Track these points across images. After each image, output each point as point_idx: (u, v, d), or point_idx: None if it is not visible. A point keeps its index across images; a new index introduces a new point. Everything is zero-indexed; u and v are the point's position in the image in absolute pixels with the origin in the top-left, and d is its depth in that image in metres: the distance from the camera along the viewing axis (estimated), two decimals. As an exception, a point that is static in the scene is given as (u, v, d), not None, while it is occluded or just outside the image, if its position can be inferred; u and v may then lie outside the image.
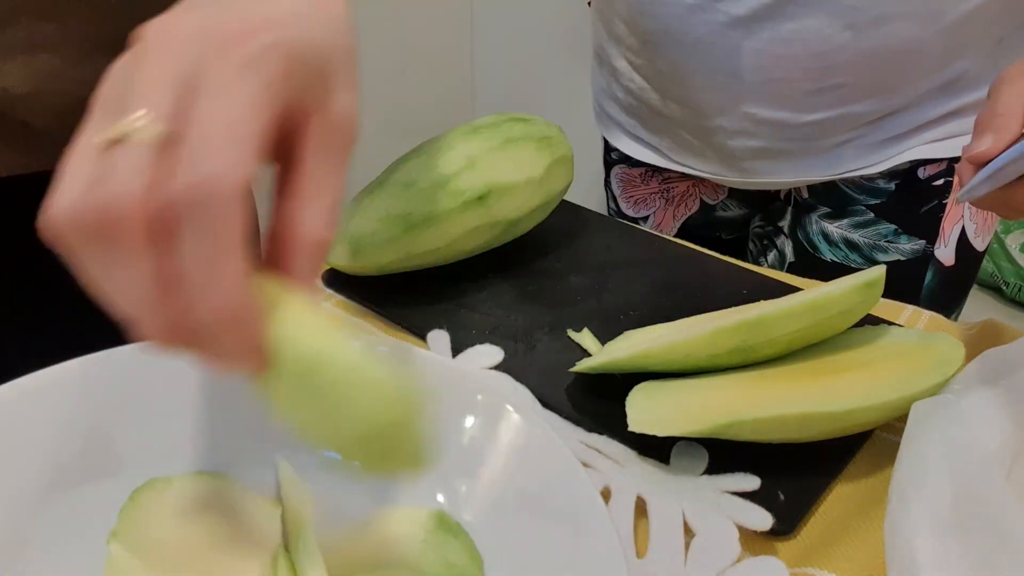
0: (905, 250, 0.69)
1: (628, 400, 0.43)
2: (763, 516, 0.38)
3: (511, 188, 0.56)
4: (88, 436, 0.40)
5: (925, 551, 0.33)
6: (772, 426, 0.40)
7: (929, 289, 0.70)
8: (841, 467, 0.43)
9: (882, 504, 0.41)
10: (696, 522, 0.38)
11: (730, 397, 0.42)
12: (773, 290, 0.57)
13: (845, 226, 0.70)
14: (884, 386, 0.42)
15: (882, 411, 0.42)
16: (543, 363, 0.51)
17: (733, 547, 0.37)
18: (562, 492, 0.36)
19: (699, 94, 0.68)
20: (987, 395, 0.38)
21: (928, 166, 0.67)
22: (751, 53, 0.63)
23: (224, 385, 0.43)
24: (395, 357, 0.43)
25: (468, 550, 0.37)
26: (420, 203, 0.54)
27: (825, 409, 0.40)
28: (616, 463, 0.42)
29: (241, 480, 0.39)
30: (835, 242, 0.70)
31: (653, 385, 0.44)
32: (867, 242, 0.69)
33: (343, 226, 0.56)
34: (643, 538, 0.39)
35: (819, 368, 0.44)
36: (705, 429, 0.40)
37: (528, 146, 0.57)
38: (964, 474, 0.35)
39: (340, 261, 0.56)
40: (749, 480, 0.41)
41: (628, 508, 0.39)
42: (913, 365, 0.43)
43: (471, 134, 0.57)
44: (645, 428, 0.40)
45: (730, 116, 0.67)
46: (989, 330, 0.54)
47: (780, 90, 0.53)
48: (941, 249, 0.69)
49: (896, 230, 0.69)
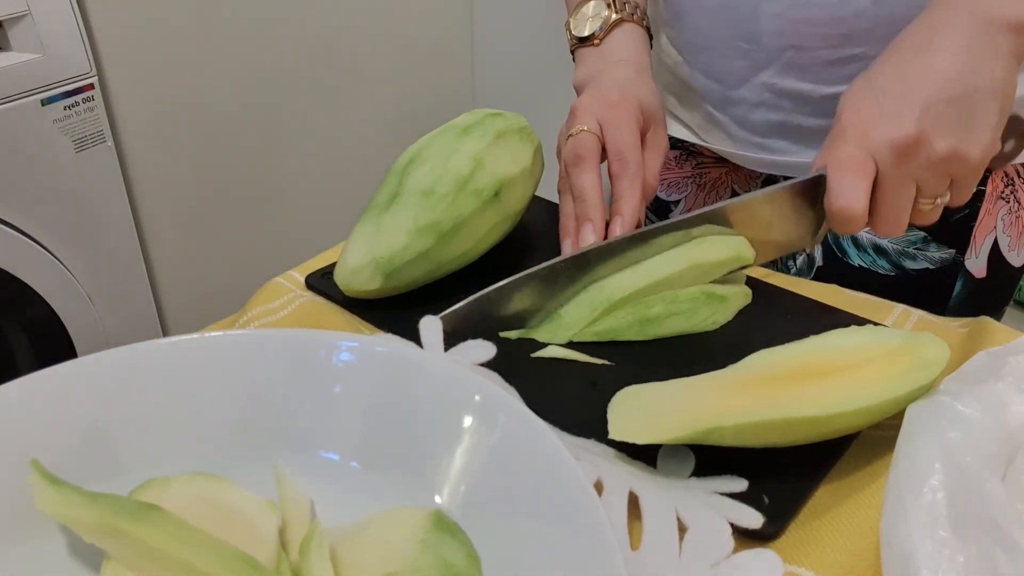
0: (934, 258, 0.68)
1: (610, 406, 0.42)
2: (754, 515, 0.39)
3: (515, 180, 0.58)
4: (87, 436, 0.40)
5: (922, 552, 0.33)
6: (754, 431, 0.40)
7: (958, 300, 0.69)
8: (826, 470, 0.43)
9: (869, 504, 0.41)
10: (689, 517, 0.39)
11: (712, 402, 0.42)
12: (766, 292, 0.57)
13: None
14: (867, 391, 0.41)
15: (865, 415, 0.41)
16: (535, 372, 0.50)
17: (727, 541, 0.37)
18: (559, 491, 0.36)
19: (722, 62, 0.69)
20: (982, 396, 0.38)
21: None
22: (770, 17, 0.63)
23: (224, 385, 0.43)
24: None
25: (466, 550, 0.37)
26: (446, 209, 0.54)
27: (807, 414, 0.40)
28: (606, 460, 0.42)
29: (239, 481, 0.39)
30: (864, 247, 0.69)
31: (635, 390, 0.44)
32: (896, 248, 0.68)
33: (367, 252, 0.53)
34: (636, 532, 0.39)
35: (802, 372, 0.44)
36: (685, 436, 0.40)
37: (514, 138, 0.59)
38: (960, 475, 0.35)
39: (372, 286, 0.54)
40: (737, 482, 0.41)
41: (621, 501, 0.39)
42: (896, 368, 0.43)
43: (463, 134, 0.57)
44: (626, 436, 0.40)
45: (751, 86, 0.68)
46: (981, 329, 0.54)
47: (799, 59, 0.53)
48: (972, 260, 0.67)
49: (926, 237, 0.67)
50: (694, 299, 0.52)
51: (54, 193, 1.17)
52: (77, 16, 1.12)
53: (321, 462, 0.42)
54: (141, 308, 1.36)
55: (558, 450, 0.37)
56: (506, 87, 1.84)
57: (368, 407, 0.42)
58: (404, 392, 0.42)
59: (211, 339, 0.44)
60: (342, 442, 0.42)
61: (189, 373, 0.42)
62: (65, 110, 1.14)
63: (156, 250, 1.37)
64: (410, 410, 0.42)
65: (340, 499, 0.39)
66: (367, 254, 0.53)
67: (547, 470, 0.37)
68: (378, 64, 1.61)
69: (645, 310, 0.52)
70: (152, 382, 0.42)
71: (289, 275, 0.61)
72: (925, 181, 0.49)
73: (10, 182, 1.11)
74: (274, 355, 0.43)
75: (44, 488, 0.35)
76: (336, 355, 0.43)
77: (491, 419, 0.40)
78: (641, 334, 0.52)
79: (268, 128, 1.47)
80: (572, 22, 0.68)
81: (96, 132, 1.19)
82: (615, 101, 0.59)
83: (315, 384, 0.43)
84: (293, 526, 0.37)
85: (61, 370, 0.41)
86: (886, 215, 0.50)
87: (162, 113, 1.30)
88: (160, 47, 1.27)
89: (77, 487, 0.35)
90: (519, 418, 0.39)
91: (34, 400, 0.40)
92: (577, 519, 0.34)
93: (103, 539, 0.35)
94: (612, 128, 0.57)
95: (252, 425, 0.42)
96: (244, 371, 0.43)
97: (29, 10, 1.07)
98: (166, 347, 0.43)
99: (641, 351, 0.52)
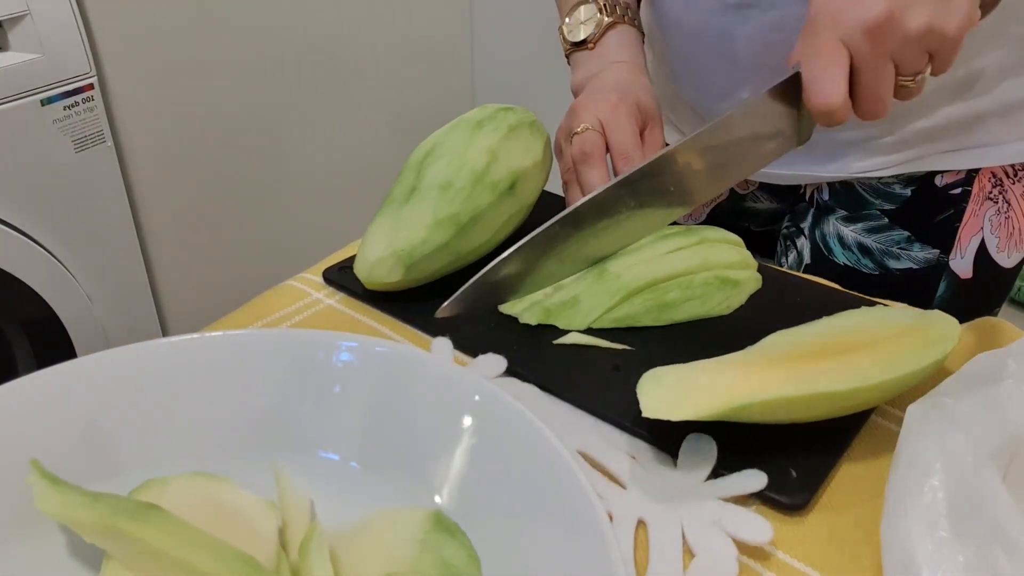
0: (918, 258, 0.68)
1: (639, 387, 0.43)
2: (764, 526, 0.39)
3: (527, 173, 0.59)
4: (87, 436, 0.40)
5: (922, 552, 0.33)
6: (781, 407, 0.42)
7: (942, 300, 0.69)
8: (845, 446, 0.45)
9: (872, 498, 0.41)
10: (696, 543, 0.39)
11: (738, 380, 0.43)
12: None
13: (860, 230, 0.69)
14: (886, 365, 0.43)
15: (885, 389, 0.43)
16: (557, 359, 0.51)
17: (732, 567, 0.38)
18: (560, 493, 0.36)
19: (704, 79, 0.71)
20: (983, 397, 0.38)
21: (946, 174, 0.66)
22: (745, 39, 0.65)
23: (224, 385, 0.43)
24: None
25: (466, 550, 0.37)
26: (464, 202, 0.56)
27: (831, 389, 0.42)
28: (619, 486, 0.42)
29: (239, 481, 0.39)
30: (849, 245, 0.70)
31: (661, 371, 0.45)
32: (879, 247, 0.68)
33: (387, 244, 0.55)
34: (643, 561, 0.39)
35: (821, 350, 0.45)
36: (716, 412, 0.41)
37: (525, 132, 0.60)
38: (960, 475, 0.35)
39: (392, 278, 0.55)
40: (756, 478, 0.41)
41: (628, 532, 0.40)
42: (912, 343, 0.45)
43: (477, 128, 0.59)
44: (659, 413, 0.41)
45: (731, 101, 0.69)
46: (985, 328, 0.53)
47: (775, 78, 0.53)
48: (957, 260, 0.67)
49: (909, 237, 0.68)
50: (708, 284, 0.54)
51: (54, 193, 1.17)
52: (77, 16, 1.12)
53: (321, 462, 0.42)
54: (141, 308, 1.36)
55: (558, 450, 0.37)
56: (506, 87, 1.85)
57: (368, 407, 0.42)
58: (404, 392, 0.42)
59: (211, 339, 0.44)
60: (342, 442, 0.42)
61: (189, 373, 0.42)
62: (65, 110, 1.14)
63: (156, 250, 1.37)
64: (410, 410, 0.42)
65: (340, 499, 0.39)
66: (387, 247, 0.55)
67: (547, 470, 0.37)
68: (378, 64, 1.61)
69: (662, 296, 0.53)
70: (152, 382, 0.42)
71: (302, 277, 0.62)
72: (902, 59, 0.47)
73: (10, 182, 1.11)
74: (274, 355, 0.43)
75: (44, 488, 0.35)
76: (336, 355, 0.43)
77: (491, 419, 0.40)
78: (658, 319, 0.54)
79: (267, 128, 1.47)
80: (565, 27, 0.69)
81: (96, 132, 1.19)
82: (615, 101, 0.61)
83: (315, 384, 0.43)
84: (293, 526, 0.37)
85: (61, 370, 0.41)
86: (867, 99, 0.48)
87: (162, 113, 1.30)
88: (160, 47, 1.27)
89: (77, 487, 0.35)
90: (519, 418, 0.39)
91: (34, 400, 0.40)
92: (577, 519, 0.34)
93: (103, 539, 0.35)
94: (614, 128, 0.59)
95: (252, 425, 0.42)
96: (244, 371, 0.43)
97: (29, 10, 1.07)
98: (166, 347, 0.43)
99: (659, 336, 0.53)
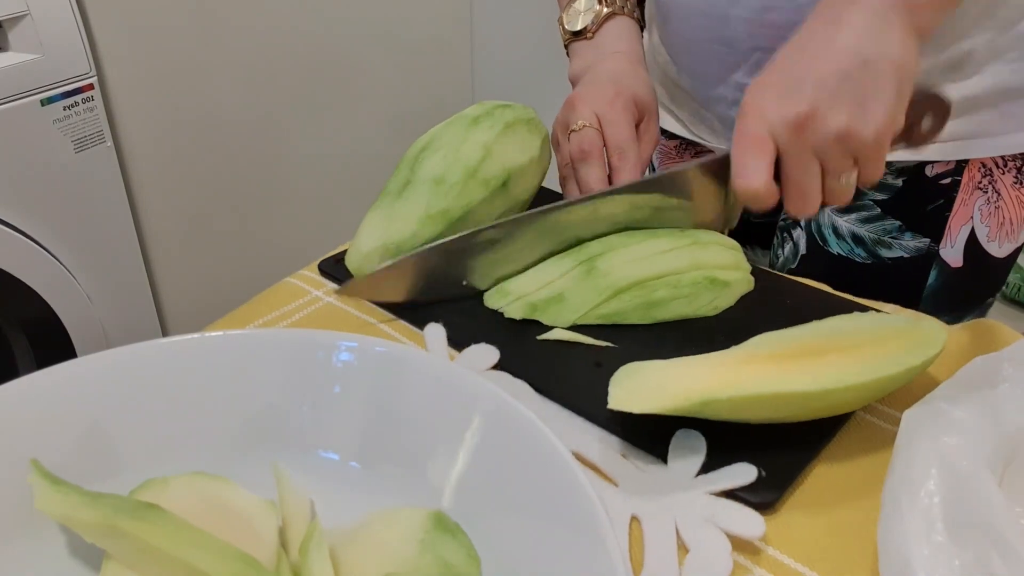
0: (909, 247, 0.69)
1: (613, 380, 0.43)
2: (756, 520, 0.39)
3: (522, 170, 0.59)
4: (86, 436, 0.40)
5: (918, 556, 0.33)
6: (749, 405, 0.41)
7: (932, 290, 0.69)
8: (820, 448, 0.44)
9: (863, 495, 0.41)
10: (690, 537, 0.39)
11: (710, 376, 0.43)
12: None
13: (853, 220, 0.70)
14: (862, 367, 0.42)
15: (859, 392, 0.42)
16: (541, 354, 0.51)
17: (726, 561, 0.38)
18: (558, 491, 0.36)
19: (701, 63, 0.72)
20: (978, 402, 0.38)
21: (936, 165, 0.67)
22: (739, 22, 0.66)
23: (224, 385, 0.43)
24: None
25: (466, 550, 0.37)
26: (455, 197, 0.56)
27: (801, 389, 0.41)
28: (610, 483, 0.43)
29: (239, 481, 0.39)
30: (843, 235, 0.70)
31: (636, 366, 0.45)
32: (872, 237, 0.69)
33: (379, 237, 0.55)
34: (637, 557, 0.39)
35: (801, 351, 0.45)
36: (681, 407, 0.40)
37: (522, 129, 0.60)
38: (956, 480, 0.35)
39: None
40: (746, 471, 0.41)
41: (623, 530, 0.40)
42: (895, 347, 0.44)
43: (473, 124, 0.59)
44: (623, 405, 0.41)
45: (727, 85, 0.70)
46: (980, 330, 0.53)
47: (766, 60, 0.53)
48: (947, 249, 0.68)
49: (900, 226, 0.68)
50: (696, 284, 0.54)
51: (54, 193, 1.17)
52: (77, 16, 1.12)
53: (321, 462, 0.42)
54: (141, 308, 1.36)
55: (558, 450, 0.37)
56: (505, 86, 1.85)
57: (368, 407, 0.42)
58: (404, 392, 0.42)
59: (211, 339, 0.44)
60: (342, 442, 0.42)
61: (189, 373, 0.43)
62: (65, 110, 1.14)
63: (156, 250, 1.37)
64: (410, 410, 0.42)
65: (340, 499, 0.39)
66: (379, 239, 0.55)
67: (547, 470, 0.37)
68: (377, 63, 1.61)
69: (649, 294, 0.53)
70: (152, 382, 0.42)
71: (301, 274, 0.62)
72: (826, 158, 0.49)
73: (10, 182, 1.11)
74: (274, 355, 0.43)
75: (44, 488, 0.35)
76: (336, 355, 0.43)
77: (491, 419, 0.40)
78: (645, 317, 0.54)
79: (267, 127, 1.47)
80: (565, 17, 0.70)
81: (96, 132, 1.19)
82: (611, 96, 0.61)
83: (315, 384, 0.43)
84: (293, 526, 0.38)
85: (61, 370, 0.41)
86: (793, 192, 0.50)
87: (162, 113, 1.30)
88: (160, 47, 1.27)
89: (77, 487, 0.36)
90: (519, 418, 0.39)
91: (34, 400, 0.40)
92: (576, 519, 0.34)
93: (103, 539, 0.35)
94: (611, 124, 0.60)
95: (252, 425, 0.43)
96: (244, 371, 0.43)
97: (29, 10, 1.07)
98: (166, 347, 0.43)
99: (644, 334, 0.53)
